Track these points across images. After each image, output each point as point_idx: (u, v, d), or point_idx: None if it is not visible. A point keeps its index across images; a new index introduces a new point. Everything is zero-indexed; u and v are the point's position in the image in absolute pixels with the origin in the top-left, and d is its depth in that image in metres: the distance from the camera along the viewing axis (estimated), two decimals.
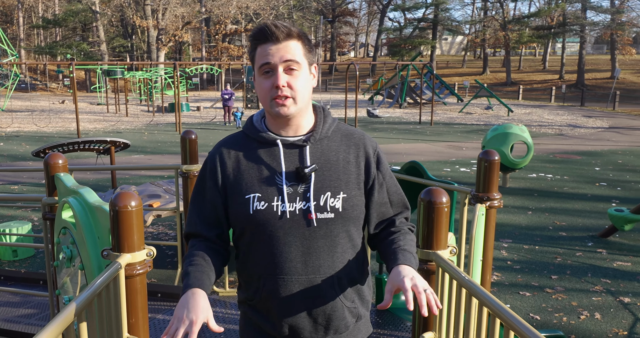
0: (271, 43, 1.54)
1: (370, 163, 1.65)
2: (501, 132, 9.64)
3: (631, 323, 4.74)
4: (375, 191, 1.66)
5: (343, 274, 1.62)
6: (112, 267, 1.91)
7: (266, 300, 1.61)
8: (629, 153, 14.23)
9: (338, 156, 1.63)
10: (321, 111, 1.70)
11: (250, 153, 1.63)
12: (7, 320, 3.75)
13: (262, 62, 1.55)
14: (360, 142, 1.67)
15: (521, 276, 5.77)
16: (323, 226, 1.57)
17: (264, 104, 1.59)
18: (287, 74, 1.54)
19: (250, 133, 1.66)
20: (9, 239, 6.15)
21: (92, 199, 2.35)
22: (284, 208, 1.56)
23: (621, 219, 6.75)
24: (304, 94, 1.58)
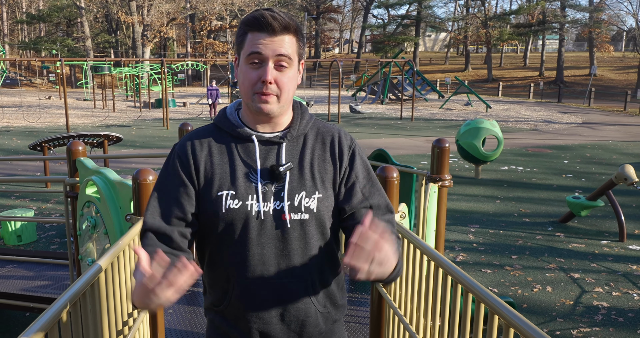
0: (266, 34, 1.42)
1: (343, 160, 1.56)
2: (473, 127, 10.25)
3: (578, 294, 5.36)
4: (347, 191, 1.55)
5: (317, 278, 1.55)
6: (134, 229, 2.45)
7: (235, 305, 1.52)
8: (597, 147, 14.97)
9: (314, 154, 1.55)
10: (298, 106, 1.62)
11: (223, 148, 1.53)
12: (26, 289, 4.26)
13: (252, 50, 1.43)
14: (337, 139, 1.58)
15: (484, 256, 6.38)
16: (297, 227, 1.49)
17: (245, 96, 1.49)
18: (276, 70, 1.44)
19: (224, 126, 1.55)
20: (13, 225, 6.61)
21: (113, 176, 2.88)
22: (259, 207, 1.48)
23: (578, 205, 7.39)
24: (289, 93, 1.49)
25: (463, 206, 8.53)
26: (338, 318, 1.65)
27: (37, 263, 4.98)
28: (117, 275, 2.16)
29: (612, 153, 13.82)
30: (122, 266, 2.28)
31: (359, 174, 1.57)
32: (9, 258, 5.02)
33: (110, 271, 2.08)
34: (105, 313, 2.00)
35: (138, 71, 29.23)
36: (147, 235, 1.49)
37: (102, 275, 1.95)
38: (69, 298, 1.59)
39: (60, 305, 1.53)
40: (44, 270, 4.77)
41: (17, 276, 4.62)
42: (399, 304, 2.60)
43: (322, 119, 1.88)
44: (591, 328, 4.67)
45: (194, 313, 3.79)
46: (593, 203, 7.30)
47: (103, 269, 1.94)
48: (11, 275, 4.65)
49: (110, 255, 2.06)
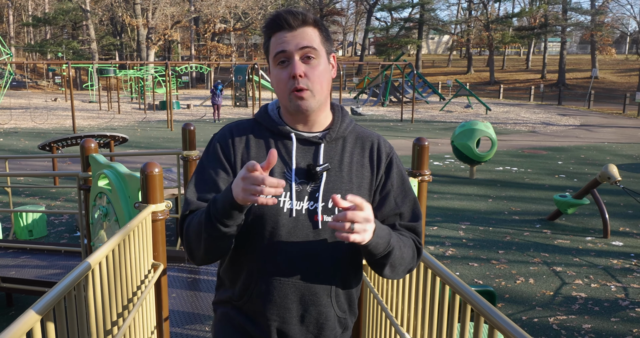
0: (286, 31, 1.43)
1: (381, 168, 1.57)
2: (468, 128, 10.56)
3: (558, 286, 5.67)
4: (381, 199, 1.56)
5: (340, 282, 1.54)
6: (142, 214, 2.78)
7: (256, 301, 1.51)
8: (592, 148, 15.26)
9: (352, 158, 1.54)
10: (339, 109, 1.61)
11: (261, 142, 1.53)
12: (41, 276, 4.60)
13: (276, 50, 1.44)
14: (376, 146, 1.59)
15: (472, 251, 6.69)
16: (328, 229, 1.48)
17: (281, 98, 1.49)
18: (304, 63, 1.44)
19: (264, 121, 1.56)
20: (25, 220, 6.97)
21: (123, 170, 3.22)
22: (292, 205, 1.47)
23: (565, 204, 7.70)
24: (323, 85, 1.47)
25: (456, 205, 8.84)
26: (350, 326, 1.65)
27: (50, 254, 5.32)
28: (124, 255, 2.49)
29: (607, 154, 14.10)
30: (128, 247, 2.61)
31: (394, 182, 1.57)
32: (23, 246, 5.37)
33: (116, 252, 2.41)
34: (110, 291, 2.33)
35: (143, 73, 29.67)
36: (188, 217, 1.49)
37: (110, 255, 2.28)
38: (75, 277, 1.92)
39: (68, 282, 1.87)
40: (56, 260, 5.11)
41: (32, 265, 4.97)
42: (377, 287, 2.93)
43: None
44: (568, 316, 4.98)
45: (195, 297, 4.13)
46: (579, 201, 7.60)
47: (111, 250, 2.27)
48: (26, 264, 5.00)
49: (121, 236, 2.39)
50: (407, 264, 1.52)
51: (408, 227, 1.57)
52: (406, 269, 1.54)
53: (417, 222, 1.59)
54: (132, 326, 2.53)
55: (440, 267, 1.96)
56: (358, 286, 1.65)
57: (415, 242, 1.56)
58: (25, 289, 4.51)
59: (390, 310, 2.69)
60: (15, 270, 4.82)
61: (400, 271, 1.53)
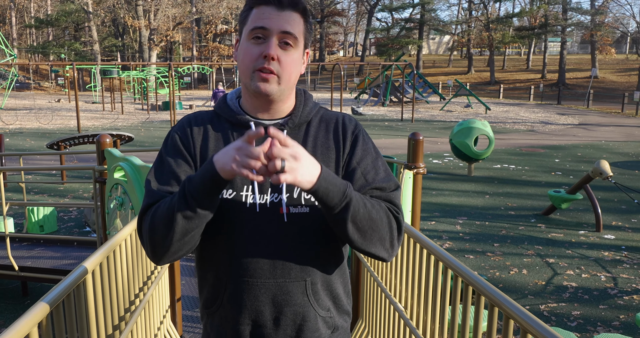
0: (272, 7, 1.34)
1: (346, 146, 1.46)
2: (466, 126, 10.80)
3: (550, 276, 5.91)
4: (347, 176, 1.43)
5: (317, 278, 1.43)
6: None
7: (227, 306, 1.42)
8: (589, 146, 15.49)
9: (316, 142, 1.45)
10: (302, 93, 1.52)
11: (219, 134, 1.44)
12: (55, 266, 4.85)
13: (255, 25, 1.34)
14: (340, 124, 1.48)
15: (469, 244, 6.93)
16: (296, 222, 1.38)
17: (243, 75, 1.40)
18: (280, 48, 1.35)
19: (222, 112, 1.48)
20: (36, 216, 7.22)
21: (138, 162, 3.47)
22: (254, 199, 1.37)
23: (558, 199, 7.94)
24: (292, 75, 1.39)
25: (454, 201, 9.08)
26: (341, 325, 1.52)
27: (63, 246, 5.57)
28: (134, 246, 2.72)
29: (603, 152, 14.33)
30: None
31: (360, 160, 1.44)
32: (39, 237, 5.62)
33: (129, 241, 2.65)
34: (123, 277, 2.58)
35: (145, 74, 29.96)
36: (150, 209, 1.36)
37: (122, 243, 2.52)
38: (91, 264, 2.16)
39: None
40: (69, 251, 5.36)
41: (46, 256, 5.22)
42: (375, 268, 3.17)
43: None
44: (558, 303, 5.22)
45: None
46: (572, 196, 7.84)
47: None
48: (40, 256, 5.25)
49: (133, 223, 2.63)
50: (379, 229, 1.34)
51: (381, 197, 1.41)
52: (382, 237, 1.35)
53: (393, 192, 1.43)
54: (150, 302, 2.77)
55: (440, 251, 2.18)
56: (343, 281, 1.51)
57: (390, 209, 1.39)
58: (41, 277, 4.76)
59: (389, 290, 2.92)
60: (31, 260, 5.08)
61: (374, 237, 1.34)
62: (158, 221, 1.29)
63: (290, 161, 1.18)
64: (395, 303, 2.75)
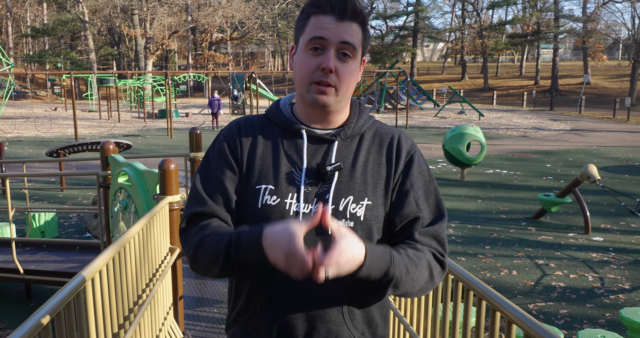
0: (333, 17, 1.31)
1: (399, 166, 1.41)
2: (458, 132, 11.00)
3: (539, 277, 6.09)
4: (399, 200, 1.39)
5: (355, 298, 1.37)
6: (161, 204, 3.20)
7: (260, 315, 1.37)
8: (581, 152, 15.74)
9: (368, 157, 1.40)
10: (357, 105, 1.49)
11: (269, 139, 1.41)
12: (59, 269, 5.00)
13: (314, 35, 1.31)
14: (395, 142, 1.43)
15: (461, 246, 7.11)
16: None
17: (299, 86, 1.37)
18: (338, 59, 1.32)
19: (274, 117, 1.45)
20: (37, 222, 7.36)
21: (141, 167, 3.65)
22: (298, 208, 1.34)
23: (548, 202, 8.13)
24: (349, 87, 1.37)
25: (447, 205, 9.26)
26: None
27: (65, 251, 5.73)
28: (148, 236, 2.90)
29: (594, 157, 14.56)
30: (151, 231, 3.01)
31: (414, 182, 1.40)
32: (43, 241, 5.78)
33: (144, 232, 2.82)
34: (130, 276, 2.74)
35: (142, 82, 30.15)
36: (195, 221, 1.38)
37: (140, 232, 2.68)
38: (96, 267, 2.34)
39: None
40: (72, 255, 5.52)
41: (49, 260, 5.38)
42: None
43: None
44: (546, 303, 5.40)
45: (203, 285, 4.54)
46: (561, 199, 8.03)
47: (140, 228, 2.68)
48: (44, 260, 5.41)
49: (142, 223, 2.80)
50: (420, 285, 1.33)
51: (428, 232, 1.38)
52: (421, 289, 1.35)
53: (439, 224, 1.40)
54: (155, 300, 2.94)
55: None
56: (381, 305, 1.45)
57: (435, 254, 1.37)
58: (45, 280, 4.92)
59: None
60: (35, 264, 5.23)
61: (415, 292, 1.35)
62: (201, 256, 1.32)
63: (333, 264, 1.16)
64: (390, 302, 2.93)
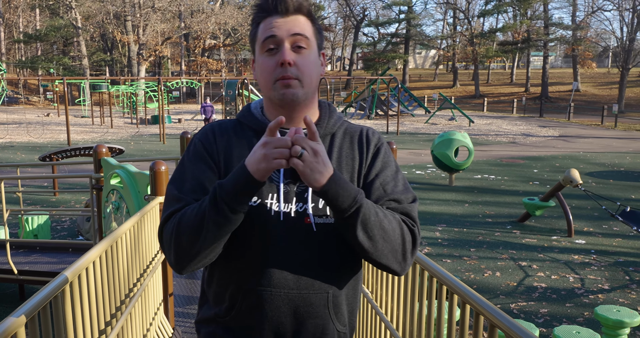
0: (278, 15, 1.35)
1: (368, 156, 1.45)
2: (446, 138, 11.20)
3: (521, 278, 6.26)
4: (367, 186, 1.43)
5: (339, 291, 1.41)
6: (152, 204, 3.34)
7: (245, 316, 1.38)
8: (568, 157, 15.98)
9: (342, 152, 1.44)
10: (327, 106, 1.53)
11: (243, 141, 1.43)
12: (52, 270, 5.12)
13: (266, 35, 1.35)
14: (364, 135, 1.48)
15: (447, 249, 7.27)
16: (322, 232, 1.36)
17: (265, 89, 1.38)
18: (294, 51, 1.35)
19: (247, 120, 1.46)
20: (30, 225, 7.46)
21: (133, 169, 3.79)
22: (279, 207, 1.35)
23: (532, 206, 8.32)
24: (312, 78, 1.37)
25: (434, 209, 9.44)
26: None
27: (58, 252, 5.84)
28: (140, 234, 3.03)
29: (581, 163, 14.80)
30: (142, 229, 3.15)
31: (380, 171, 1.43)
32: (34, 242, 5.89)
33: (135, 230, 2.96)
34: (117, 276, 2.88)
35: (134, 88, 30.25)
36: (175, 216, 1.33)
37: (131, 230, 2.82)
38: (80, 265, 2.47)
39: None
40: (65, 257, 5.63)
41: (43, 261, 5.49)
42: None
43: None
44: (527, 302, 5.56)
45: (192, 284, 4.67)
46: (545, 203, 8.22)
47: (132, 226, 2.82)
48: (37, 261, 5.52)
49: (133, 221, 2.94)
50: (391, 240, 1.32)
51: (397, 209, 1.40)
52: (393, 248, 1.33)
53: (409, 204, 1.42)
54: (145, 294, 3.08)
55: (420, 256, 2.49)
56: (358, 297, 1.51)
57: (406, 221, 1.38)
58: (39, 280, 5.03)
59: (366, 288, 3.22)
60: (29, 265, 5.35)
61: (385, 248, 1.32)
62: (185, 228, 1.27)
63: (309, 153, 1.19)
64: (370, 299, 3.07)
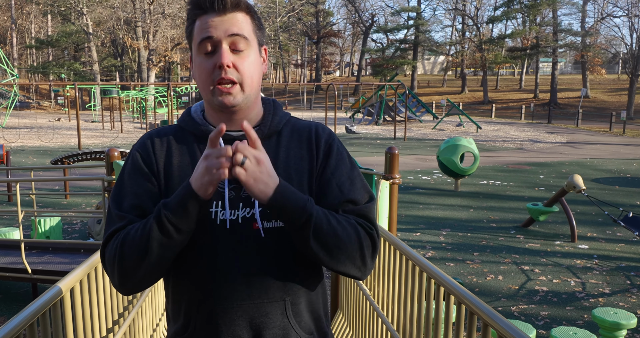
0: (214, 14, 1.28)
1: (320, 156, 1.38)
2: (452, 144, 11.31)
3: (523, 281, 6.35)
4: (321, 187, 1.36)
5: (298, 298, 1.35)
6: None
7: (202, 332, 1.32)
8: (574, 164, 16.02)
9: (289, 152, 1.37)
10: (271, 103, 1.45)
11: (184, 148, 1.37)
12: (65, 270, 5.28)
13: (202, 36, 1.28)
14: (313, 134, 1.41)
15: (450, 253, 7.38)
16: (272, 237, 1.30)
17: (204, 92, 1.32)
18: (233, 53, 1.28)
19: (186, 125, 1.40)
20: (42, 228, 7.65)
21: None
22: (225, 215, 1.29)
23: (536, 211, 8.41)
24: (253, 79, 1.32)
25: (439, 214, 9.54)
26: None
27: (70, 253, 6.01)
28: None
29: (587, 169, 14.84)
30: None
31: (334, 170, 1.37)
32: (49, 242, 6.06)
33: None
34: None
35: (144, 93, 30.60)
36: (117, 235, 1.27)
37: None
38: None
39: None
40: (77, 257, 5.80)
41: (55, 261, 5.66)
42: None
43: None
44: (528, 305, 5.66)
45: None
46: (549, 208, 8.31)
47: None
48: (50, 261, 5.69)
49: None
50: (347, 247, 1.26)
51: (353, 211, 1.34)
52: (350, 255, 1.28)
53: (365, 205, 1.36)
54: (153, 294, 3.22)
55: (414, 254, 2.65)
56: (324, 301, 1.44)
57: (363, 225, 1.32)
58: (52, 279, 5.19)
59: (365, 285, 3.36)
60: (42, 265, 5.52)
61: (341, 256, 1.27)
62: (128, 249, 1.22)
63: (252, 162, 1.17)
64: (370, 299, 3.20)
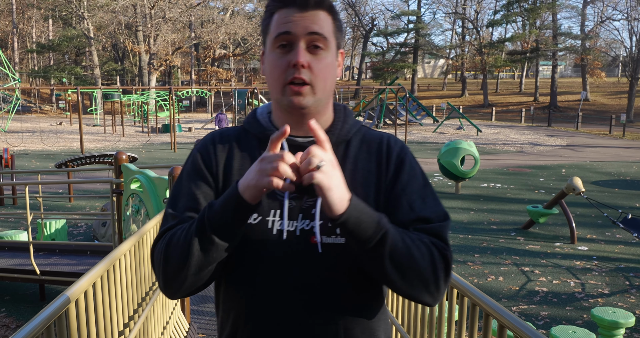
0: (295, 9, 1.20)
1: (389, 171, 1.29)
2: (452, 147, 11.40)
3: (524, 282, 6.43)
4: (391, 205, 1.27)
5: (353, 322, 1.24)
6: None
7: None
8: (574, 166, 16.11)
9: (356, 165, 1.29)
10: (342, 109, 1.37)
11: (247, 152, 1.30)
12: (72, 271, 5.37)
13: (279, 31, 1.20)
14: (384, 146, 1.32)
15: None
16: (329, 254, 1.21)
17: (273, 90, 1.25)
18: (310, 52, 1.21)
19: (251, 128, 1.34)
20: (48, 230, 7.74)
21: (152, 174, 4.04)
22: (282, 226, 1.22)
23: (536, 213, 8.49)
24: (327, 82, 1.24)
25: None
26: None
27: (77, 255, 6.10)
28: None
29: (587, 172, 14.94)
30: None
31: (405, 186, 1.27)
32: (56, 243, 6.15)
33: (156, 229, 3.19)
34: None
35: (146, 97, 30.74)
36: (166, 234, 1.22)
37: (154, 228, 3.06)
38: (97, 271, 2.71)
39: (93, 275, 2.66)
40: (83, 259, 5.89)
41: (63, 263, 5.75)
42: None
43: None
44: (529, 305, 5.74)
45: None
46: (548, 210, 8.40)
47: (155, 224, 3.06)
48: (57, 263, 5.78)
49: (151, 224, 3.18)
50: (421, 268, 1.16)
51: (425, 229, 1.23)
52: (424, 278, 1.17)
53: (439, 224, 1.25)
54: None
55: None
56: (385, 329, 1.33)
57: (436, 244, 1.21)
58: (59, 280, 5.28)
59: None
60: (50, 266, 5.60)
61: (414, 278, 1.16)
62: (173, 251, 1.16)
63: (328, 165, 1.07)
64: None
